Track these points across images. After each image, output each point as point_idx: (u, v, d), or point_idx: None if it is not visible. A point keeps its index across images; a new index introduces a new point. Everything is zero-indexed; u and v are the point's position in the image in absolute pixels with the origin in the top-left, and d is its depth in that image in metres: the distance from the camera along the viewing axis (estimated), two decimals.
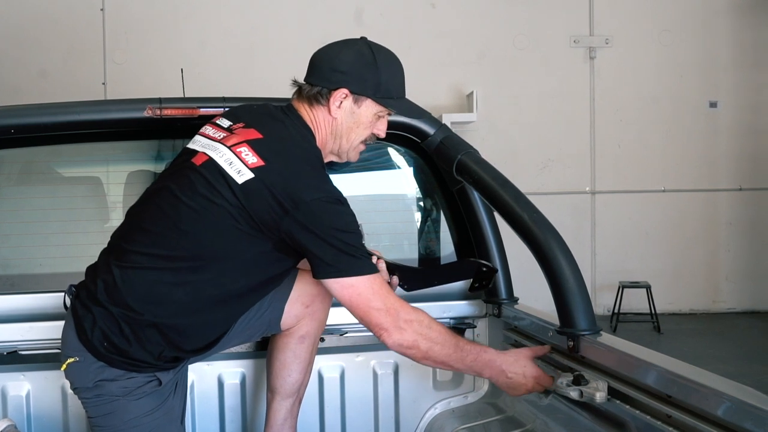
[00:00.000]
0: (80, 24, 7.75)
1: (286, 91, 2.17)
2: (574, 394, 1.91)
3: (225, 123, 2.02)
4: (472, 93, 7.81)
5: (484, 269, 2.34)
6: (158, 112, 2.41)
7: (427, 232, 3.02)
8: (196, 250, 1.90)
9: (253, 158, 1.89)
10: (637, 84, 8.21)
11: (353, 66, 1.99)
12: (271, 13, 7.96)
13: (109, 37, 7.81)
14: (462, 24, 8.13)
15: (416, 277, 2.32)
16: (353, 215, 1.94)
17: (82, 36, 7.76)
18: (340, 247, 1.86)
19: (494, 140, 7.83)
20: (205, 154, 1.95)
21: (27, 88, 7.40)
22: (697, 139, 8.29)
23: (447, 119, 7.14)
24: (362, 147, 2.10)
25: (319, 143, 2.03)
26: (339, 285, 1.89)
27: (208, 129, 2.04)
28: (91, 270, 2.01)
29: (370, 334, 2.56)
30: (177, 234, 1.90)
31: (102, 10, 7.79)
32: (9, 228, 2.91)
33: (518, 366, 2.04)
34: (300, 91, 2.06)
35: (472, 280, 2.37)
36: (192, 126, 2.45)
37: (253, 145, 1.91)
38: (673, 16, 8.24)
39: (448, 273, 2.49)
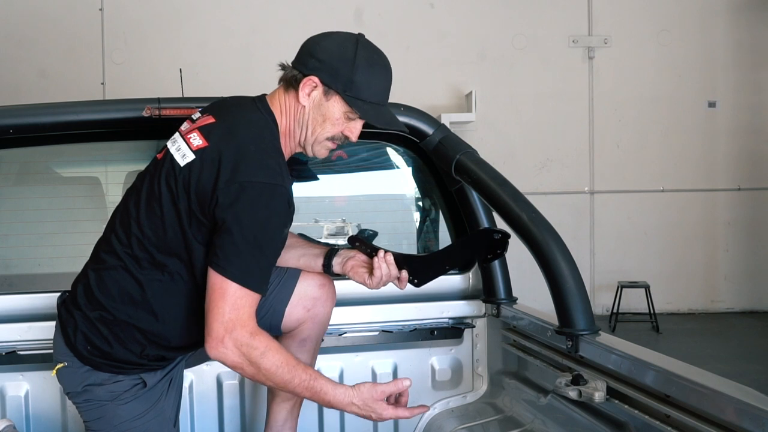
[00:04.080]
0: (79, 24, 7.75)
1: None
2: (572, 393, 1.91)
3: (196, 116, 2.00)
4: (470, 93, 7.81)
5: (497, 236, 2.18)
6: (157, 112, 2.41)
7: (426, 232, 3.03)
8: (155, 246, 1.89)
9: (198, 141, 1.86)
10: (636, 84, 8.22)
11: (330, 56, 1.89)
12: (270, 13, 7.96)
13: (108, 38, 7.81)
14: (461, 24, 8.13)
15: (427, 267, 2.18)
16: (286, 212, 1.85)
17: (81, 36, 7.76)
18: (244, 246, 1.76)
19: (493, 140, 7.83)
20: (166, 147, 1.96)
21: (26, 88, 7.41)
22: (696, 139, 8.30)
23: (446, 119, 7.14)
24: (330, 144, 1.98)
25: (284, 129, 1.95)
26: (215, 277, 1.78)
27: (184, 125, 2.02)
28: (77, 276, 2.03)
29: (370, 334, 2.59)
30: (137, 231, 1.90)
31: (101, 10, 7.78)
32: (8, 228, 2.92)
33: (367, 408, 1.91)
34: (283, 73, 1.99)
35: (485, 253, 2.22)
36: None
37: (202, 129, 1.89)
38: (671, 16, 8.24)
39: (460, 253, 2.29)
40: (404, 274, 2.14)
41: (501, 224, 2.34)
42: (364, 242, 2.21)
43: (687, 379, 1.58)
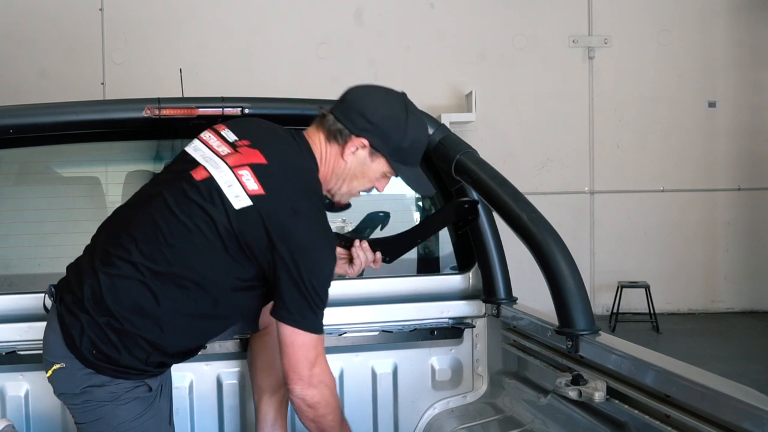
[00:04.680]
0: (79, 24, 7.75)
1: (285, 92, 2.17)
2: (572, 393, 1.91)
3: (230, 137, 1.97)
4: (470, 93, 7.81)
5: (466, 206, 2.31)
6: (157, 112, 2.41)
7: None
8: (181, 265, 1.87)
9: (253, 185, 1.85)
10: (636, 84, 8.22)
11: (383, 120, 1.94)
12: (270, 13, 7.96)
13: (107, 38, 7.81)
14: (461, 24, 8.14)
15: (398, 245, 2.32)
16: (333, 263, 1.94)
17: (81, 36, 7.76)
18: (307, 299, 1.86)
19: (493, 140, 7.83)
20: (206, 169, 1.91)
21: (26, 88, 7.41)
22: (696, 139, 8.30)
23: (446, 119, 7.14)
24: (357, 194, 2.07)
25: (321, 177, 1.99)
26: (289, 330, 1.88)
27: (211, 138, 1.99)
28: (75, 271, 1.96)
29: (370, 334, 2.58)
30: (165, 248, 1.87)
31: (101, 10, 7.79)
32: (8, 228, 2.91)
33: None
34: (322, 120, 2.01)
35: (456, 222, 2.36)
36: (191, 126, 2.46)
37: (255, 170, 1.87)
38: (671, 16, 8.25)
39: (430, 225, 2.47)
40: (378, 255, 2.26)
41: (501, 224, 2.35)
42: (339, 236, 2.28)
43: (687, 379, 1.58)
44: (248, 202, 1.84)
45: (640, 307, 7.66)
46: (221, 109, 2.43)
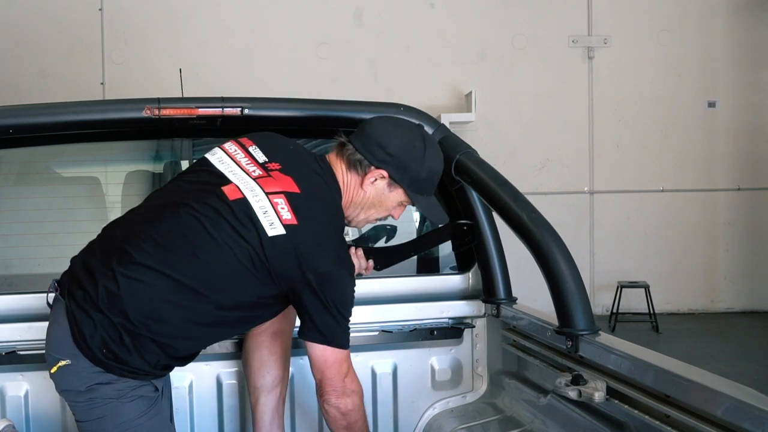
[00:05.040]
0: (79, 24, 7.75)
1: (285, 92, 2.17)
2: (572, 393, 1.91)
3: (260, 156, 2.01)
4: (470, 93, 7.81)
5: (464, 228, 2.39)
6: (156, 112, 2.41)
7: (426, 232, 3.02)
8: (204, 280, 1.90)
9: (287, 214, 1.91)
10: (636, 84, 8.22)
11: (402, 152, 2.03)
12: (270, 13, 7.96)
13: (107, 38, 7.81)
14: (460, 24, 8.14)
15: (390, 255, 2.38)
16: (354, 285, 2.02)
17: (81, 36, 7.76)
18: (337, 320, 1.96)
19: (493, 140, 7.83)
20: (239, 189, 1.94)
21: (26, 88, 7.41)
22: (696, 139, 8.30)
23: (445, 119, 7.14)
24: (373, 222, 2.17)
25: (343, 204, 2.07)
26: (320, 348, 1.98)
27: (238, 154, 2.02)
28: (83, 265, 1.94)
29: (369, 334, 2.58)
30: (194, 260, 1.89)
31: (101, 10, 7.79)
32: (8, 228, 2.91)
33: None
34: (341, 148, 2.07)
35: (453, 241, 2.44)
36: (190, 126, 2.46)
37: (290, 198, 1.93)
38: (671, 16, 8.25)
39: (426, 241, 2.55)
40: (370, 263, 2.31)
41: (501, 224, 2.35)
42: None
43: (687, 379, 1.58)
44: (282, 231, 1.89)
45: (639, 307, 7.66)
46: (221, 109, 2.43)
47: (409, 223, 3.10)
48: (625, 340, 1.91)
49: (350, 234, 2.50)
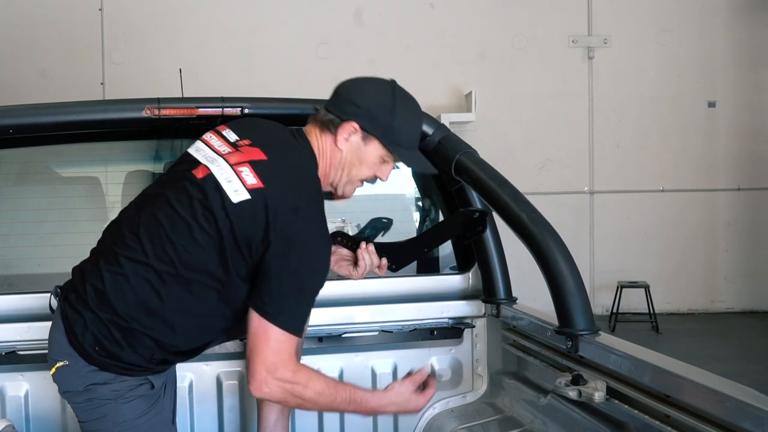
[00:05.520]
0: (79, 24, 7.75)
1: (285, 92, 2.17)
2: (572, 393, 1.91)
3: (232, 136, 2.00)
4: (470, 93, 7.81)
5: (476, 215, 2.32)
6: (156, 112, 2.41)
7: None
8: (184, 264, 1.88)
9: (252, 179, 1.87)
10: (636, 84, 8.22)
11: (370, 103, 1.98)
12: (270, 13, 7.96)
13: (107, 38, 7.81)
14: (460, 24, 8.14)
15: (405, 253, 2.30)
16: (329, 259, 1.93)
17: (81, 36, 7.76)
18: (290, 292, 1.83)
19: (493, 140, 7.83)
20: (207, 167, 1.93)
21: (26, 88, 7.41)
22: (696, 139, 8.30)
23: (445, 119, 7.13)
24: (359, 185, 2.08)
25: (321, 171, 2.01)
26: (258, 321, 1.84)
27: (213, 139, 2.01)
28: (79, 271, 1.98)
29: (369, 334, 2.59)
30: (168, 246, 1.88)
31: (101, 10, 7.79)
32: (8, 228, 2.92)
33: (405, 405, 2.02)
34: (316, 115, 2.04)
35: (464, 231, 2.37)
36: (190, 126, 2.46)
37: (255, 166, 1.89)
38: (671, 16, 8.25)
39: (438, 234, 2.46)
40: (384, 261, 2.24)
41: (501, 224, 2.35)
42: (345, 236, 2.27)
43: (687, 379, 1.58)
44: (246, 196, 1.85)
45: (639, 307, 7.66)
46: (221, 109, 2.43)
47: (408, 223, 3.11)
48: (625, 340, 1.91)
49: (347, 227, 2.48)
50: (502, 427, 2.44)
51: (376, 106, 1.97)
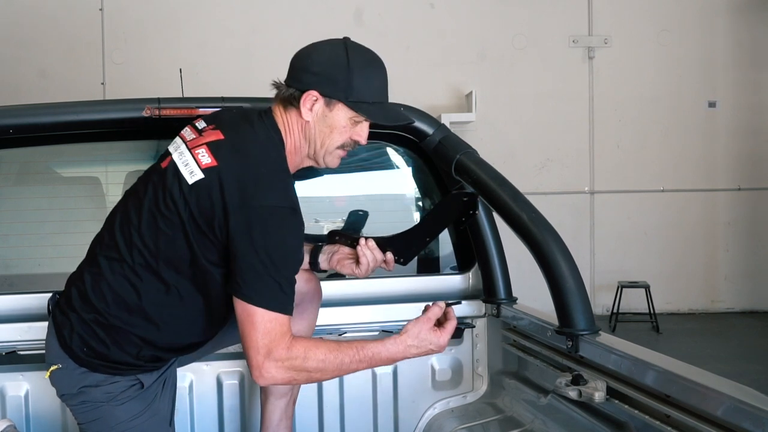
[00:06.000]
0: (79, 24, 7.75)
1: None
2: (572, 393, 1.91)
3: (201, 125, 1.99)
4: (470, 93, 7.81)
5: (465, 198, 2.29)
6: (157, 112, 2.41)
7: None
8: (153, 256, 1.87)
9: (207, 158, 1.84)
10: (636, 84, 8.22)
11: (324, 67, 1.90)
12: (270, 13, 7.96)
13: (107, 38, 7.80)
14: (461, 24, 8.13)
15: (408, 245, 2.26)
16: (299, 231, 1.85)
17: (81, 36, 7.75)
18: (262, 269, 1.76)
19: (493, 140, 7.83)
20: (171, 157, 1.93)
21: (26, 88, 7.40)
22: (696, 139, 8.29)
23: (446, 119, 7.13)
24: (341, 153, 1.99)
25: (290, 147, 1.95)
26: (241, 307, 1.79)
27: (186, 131, 2.00)
28: (70, 277, 2.02)
29: (370, 334, 2.58)
30: (137, 240, 1.88)
31: (101, 10, 7.78)
32: (8, 228, 2.92)
33: (424, 343, 1.91)
34: (278, 92, 1.98)
35: (458, 217, 2.35)
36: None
37: (211, 146, 1.87)
38: (671, 16, 8.24)
39: (436, 222, 2.39)
40: (389, 255, 2.20)
41: (501, 224, 2.35)
42: (344, 235, 2.26)
43: (687, 379, 1.58)
44: (201, 176, 1.83)
45: (640, 307, 7.66)
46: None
47: (408, 223, 3.11)
48: (626, 340, 1.91)
49: (325, 226, 2.47)
50: (503, 427, 2.44)
51: (331, 69, 1.89)
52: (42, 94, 6.83)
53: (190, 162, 1.86)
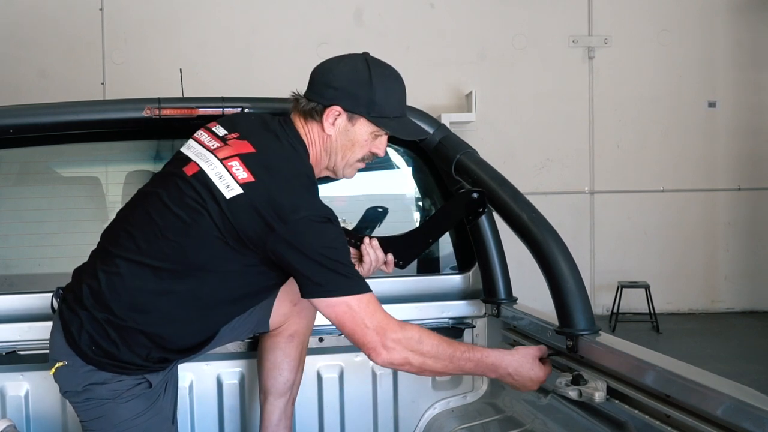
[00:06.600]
0: (79, 24, 7.75)
1: (285, 92, 2.16)
2: (573, 393, 1.91)
3: (220, 131, 2.00)
4: (470, 93, 7.81)
5: (474, 195, 2.28)
6: (157, 112, 2.41)
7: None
8: (180, 260, 1.89)
9: (243, 173, 1.86)
10: (636, 84, 8.22)
11: (347, 82, 1.95)
12: (270, 13, 7.96)
13: (108, 38, 7.80)
14: (461, 24, 8.13)
15: (410, 246, 2.27)
16: (341, 233, 1.92)
17: (81, 36, 7.76)
18: (327, 266, 1.83)
19: (493, 140, 7.83)
20: (196, 164, 1.92)
21: (26, 88, 7.40)
22: (696, 139, 8.30)
23: (446, 119, 7.14)
24: (360, 165, 2.05)
25: (312, 159, 2.00)
26: (326, 304, 1.85)
27: (203, 135, 2.01)
28: (78, 273, 2.00)
29: None
30: (163, 243, 1.89)
31: (101, 10, 7.78)
32: (8, 228, 2.91)
33: (525, 368, 2.01)
34: (296, 105, 2.02)
35: (466, 216, 2.34)
36: (191, 126, 2.46)
37: (244, 159, 1.89)
38: (671, 16, 8.24)
39: (440, 223, 2.41)
40: (390, 257, 2.22)
41: (501, 224, 2.35)
42: (348, 233, 2.26)
43: (687, 379, 1.58)
44: (239, 191, 1.84)
45: (640, 307, 7.66)
46: (221, 109, 2.43)
47: (408, 223, 3.10)
48: (626, 340, 1.91)
49: (348, 226, 2.47)
50: (503, 427, 2.44)
51: (353, 84, 1.95)
52: (42, 94, 6.84)
53: (224, 175, 1.87)
